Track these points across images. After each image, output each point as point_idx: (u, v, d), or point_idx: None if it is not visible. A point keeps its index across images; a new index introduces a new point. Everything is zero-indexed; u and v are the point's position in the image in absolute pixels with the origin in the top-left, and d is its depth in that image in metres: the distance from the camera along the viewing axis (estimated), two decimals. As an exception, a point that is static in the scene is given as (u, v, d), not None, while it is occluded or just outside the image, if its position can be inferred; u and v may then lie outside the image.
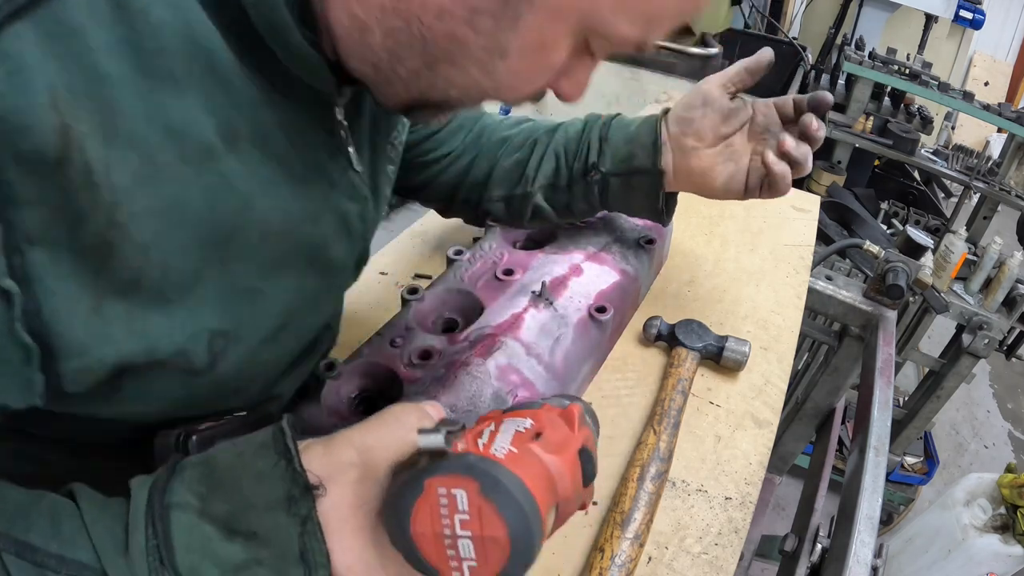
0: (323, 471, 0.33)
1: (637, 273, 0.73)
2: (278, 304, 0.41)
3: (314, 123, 0.40)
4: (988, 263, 1.73)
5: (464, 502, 0.29)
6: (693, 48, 2.01)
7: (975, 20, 2.30)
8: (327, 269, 0.46)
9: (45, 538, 0.31)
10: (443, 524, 0.30)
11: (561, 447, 0.36)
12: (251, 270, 0.38)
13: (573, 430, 0.38)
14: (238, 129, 0.34)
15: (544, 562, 0.52)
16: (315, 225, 0.42)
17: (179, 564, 0.30)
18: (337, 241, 0.45)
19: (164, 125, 0.31)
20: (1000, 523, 1.45)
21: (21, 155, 0.26)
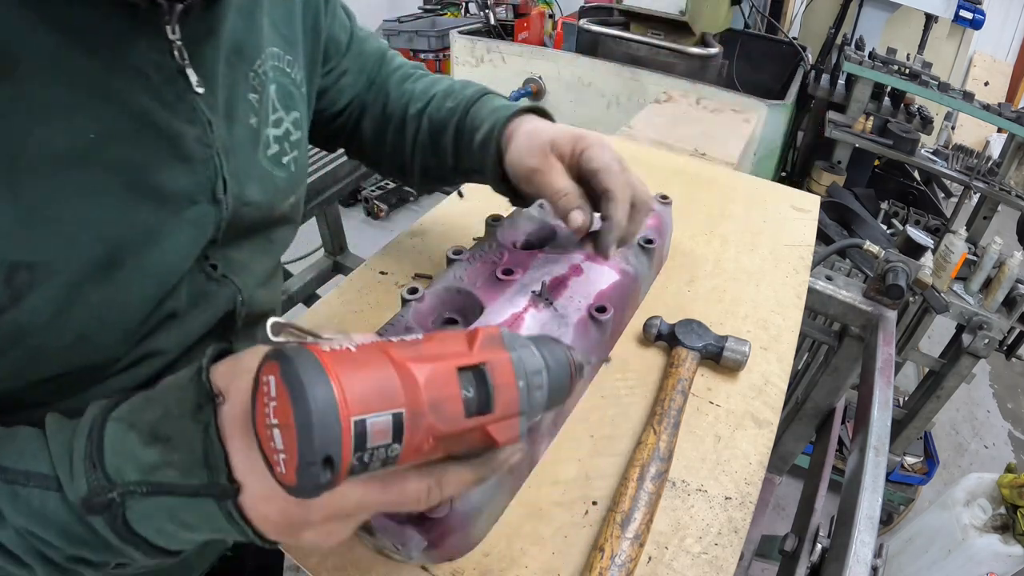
0: (224, 380, 0.35)
1: (637, 273, 0.73)
2: (91, 233, 0.39)
3: (139, 43, 0.40)
4: (988, 263, 1.73)
5: (273, 388, 0.29)
6: (693, 48, 2.01)
7: (975, 20, 2.31)
8: (159, 197, 0.43)
9: (14, 459, 0.36)
10: (265, 413, 0.29)
11: (433, 358, 0.32)
12: (46, 196, 0.37)
13: (470, 348, 0.34)
14: (16, 53, 0.35)
15: (544, 562, 0.52)
16: (130, 148, 0.41)
17: (107, 466, 0.34)
18: (166, 165, 0.43)
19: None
20: (1000, 523, 1.45)
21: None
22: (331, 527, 0.35)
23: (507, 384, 0.34)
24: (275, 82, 0.56)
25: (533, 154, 0.61)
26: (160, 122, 0.42)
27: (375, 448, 0.29)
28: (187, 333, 0.52)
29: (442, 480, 0.36)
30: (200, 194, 0.46)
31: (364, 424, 0.28)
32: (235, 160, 0.50)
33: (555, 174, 0.60)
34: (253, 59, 0.52)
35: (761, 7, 3.01)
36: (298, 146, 0.59)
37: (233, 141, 0.49)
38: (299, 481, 0.28)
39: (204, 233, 0.48)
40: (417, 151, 0.74)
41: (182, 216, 0.45)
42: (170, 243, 0.45)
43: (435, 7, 4.84)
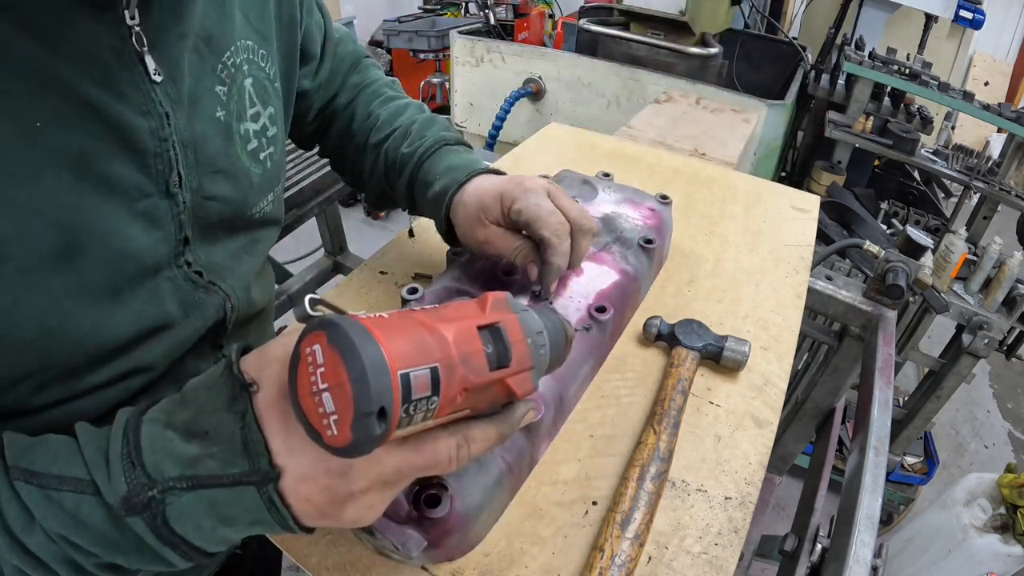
0: (255, 370, 0.36)
1: (637, 273, 0.73)
2: (43, 219, 0.39)
3: (95, 28, 0.39)
4: (988, 263, 1.73)
5: (320, 355, 0.31)
6: (693, 48, 2.01)
7: (975, 20, 2.30)
8: (108, 188, 0.42)
9: (46, 464, 0.36)
10: (311, 382, 0.31)
11: (455, 319, 0.35)
12: (2, 177, 0.36)
13: (483, 311, 0.38)
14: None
15: (544, 562, 0.52)
16: (76, 137, 0.40)
17: (147, 464, 0.35)
18: (115, 157, 0.42)
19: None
20: (1000, 523, 1.45)
21: None
22: (371, 498, 0.36)
23: (519, 340, 0.38)
24: (251, 76, 0.55)
25: (474, 228, 0.63)
26: (110, 114, 0.41)
27: (418, 400, 0.31)
28: (177, 344, 0.51)
29: (468, 437, 0.38)
30: (151, 187, 0.45)
31: (408, 377, 0.31)
32: (197, 154, 0.49)
33: (500, 240, 0.62)
34: (223, 51, 0.51)
35: (761, 7, 3.01)
36: (275, 142, 0.59)
37: (195, 134, 0.48)
38: (354, 436, 0.30)
39: (161, 227, 0.47)
40: (373, 178, 0.75)
41: (135, 208, 0.44)
42: (128, 234, 0.44)
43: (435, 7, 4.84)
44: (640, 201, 0.82)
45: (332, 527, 0.38)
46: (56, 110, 0.38)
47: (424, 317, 0.34)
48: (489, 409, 0.39)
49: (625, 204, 0.82)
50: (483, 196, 0.62)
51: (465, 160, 0.68)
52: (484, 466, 0.48)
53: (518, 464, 0.52)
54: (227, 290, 0.55)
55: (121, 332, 0.45)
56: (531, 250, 0.61)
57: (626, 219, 0.78)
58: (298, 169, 1.60)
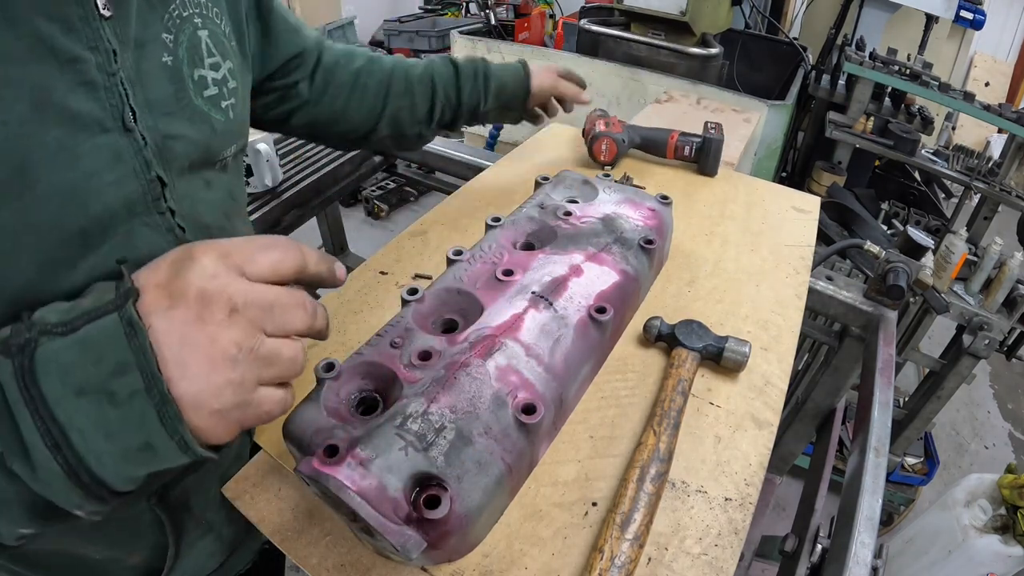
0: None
1: (637, 273, 0.73)
2: (1, 144, 0.39)
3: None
4: (988, 264, 1.73)
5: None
6: (693, 48, 2.01)
7: (975, 20, 2.30)
8: (68, 118, 0.43)
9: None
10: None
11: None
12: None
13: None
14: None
15: (544, 563, 0.52)
16: (29, 70, 0.40)
17: (33, 316, 0.36)
18: (70, 89, 0.43)
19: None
20: (1000, 524, 1.45)
21: None
22: (239, 328, 0.36)
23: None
24: (206, 28, 0.57)
25: (548, 76, 1.00)
26: (58, 46, 0.42)
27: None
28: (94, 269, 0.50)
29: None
30: (108, 121, 0.46)
31: None
32: (145, 93, 0.49)
33: (563, 87, 1.02)
34: (169, 2, 0.53)
35: (761, 7, 3.01)
36: (235, 95, 0.61)
37: (141, 74, 0.49)
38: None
39: (124, 162, 0.47)
40: (418, 108, 0.91)
41: (96, 142, 0.45)
42: (88, 166, 0.44)
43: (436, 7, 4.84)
44: (640, 201, 0.82)
45: (236, 410, 0.38)
46: (7, 44, 0.39)
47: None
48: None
49: (625, 204, 0.81)
50: (540, 71, 1.00)
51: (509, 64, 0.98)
52: (484, 467, 0.48)
53: (518, 465, 0.52)
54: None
55: (84, 279, 0.44)
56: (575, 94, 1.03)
57: (626, 219, 0.78)
58: (298, 169, 1.60)
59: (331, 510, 0.50)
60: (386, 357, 0.55)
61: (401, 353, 0.55)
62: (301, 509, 0.56)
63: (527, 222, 0.76)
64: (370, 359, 0.55)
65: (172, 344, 0.35)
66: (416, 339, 0.57)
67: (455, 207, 1.00)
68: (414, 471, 0.45)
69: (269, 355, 0.38)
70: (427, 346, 0.56)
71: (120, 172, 0.47)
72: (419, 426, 0.47)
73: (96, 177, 0.45)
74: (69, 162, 0.43)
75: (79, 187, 0.44)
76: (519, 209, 0.78)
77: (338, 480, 0.43)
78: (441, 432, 0.48)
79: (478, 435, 0.49)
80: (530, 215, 0.77)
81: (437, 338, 0.58)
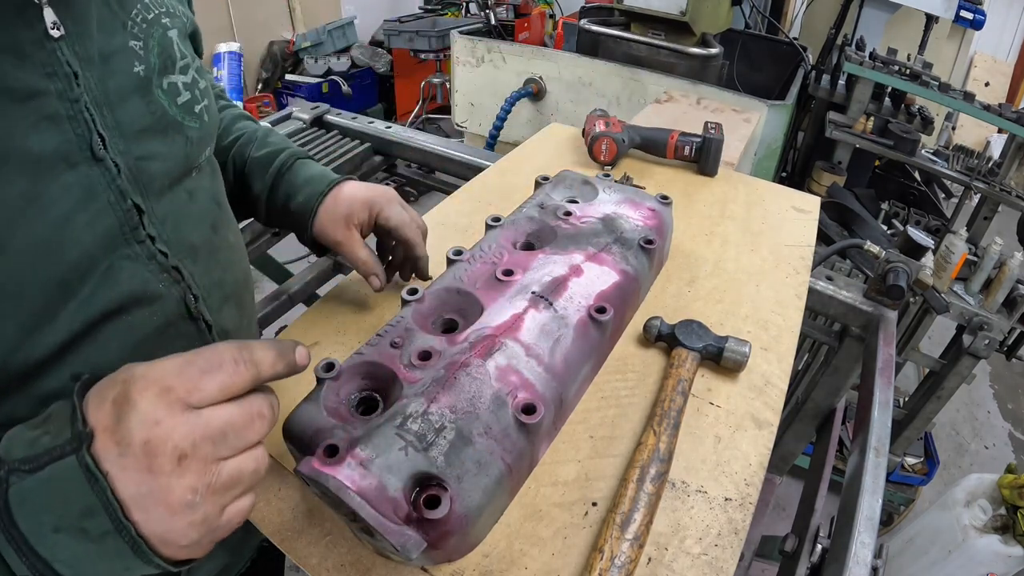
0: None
1: (637, 274, 0.73)
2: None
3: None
4: (988, 264, 1.73)
5: None
6: (693, 48, 2.01)
7: (975, 20, 2.30)
8: (29, 164, 0.39)
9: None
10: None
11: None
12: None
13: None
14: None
15: (544, 563, 0.52)
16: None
17: (1, 449, 0.35)
18: (31, 128, 0.39)
19: None
20: (1000, 524, 1.45)
21: None
22: (193, 464, 0.35)
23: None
24: (175, 27, 0.53)
25: (337, 228, 0.71)
26: (11, 81, 0.38)
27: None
28: (140, 338, 0.49)
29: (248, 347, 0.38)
30: (75, 154, 0.42)
31: None
32: (116, 114, 0.46)
33: (356, 246, 0.71)
34: (133, 4, 0.49)
35: (761, 7, 3.01)
36: (207, 95, 0.57)
37: (108, 94, 0.45)
38: None
39: (97, 198, 0.44)
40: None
41: (64, 180, 0.41)
42: (58, 211, 0.41)
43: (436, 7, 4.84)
44: (640, 201, 0.82)
45: (206, 537, 0.37)
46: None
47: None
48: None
49: (625, 204, 0.81)
50: (352, 202, 0.71)
51: (320, 170, 0.75)
52: (484, 467, 0.48)
53: (518, 465, 0.52)
54: (189, 278, 0.53)
55: (67, 328, 0.43)
56: (375, 264, 0.71)
57: (626, 219, 0.78)
58: (298, 169, 1.60)
59: (331, 510, 0.50)
60: (386, 357, 0.55)
61: (401, 353, 0.55)
62: (301, 509, 0.56)
63: (527, 222, 0.76)
64: (370, 359, 0.55)
65: (130, 492, 0.34)
66: (416, 339, 0.57)
67: (455, 207, 1.00)
68: (414, 471, 0.45)
69: (230, 481, 0.36)
70: (427, 346, 0.56)
71: (93, 209, 0.44)
72: (419, 426, 0.47)
73: (69, 222, 0.42)
74: (37, 213, 0.40)
75: (52, 238, 0.41)
76: (519, 209, 0.78)
77: (338, 480, 0.43)
78: (441, 432, 0.48)
79: (478, 435, 0.49)
80: (530, 215, 0.77)
81: (437, 338, 0.58)
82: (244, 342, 0.39)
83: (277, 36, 4.32)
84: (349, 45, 4.46)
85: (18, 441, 0.35)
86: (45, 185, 0.40)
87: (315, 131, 1.77)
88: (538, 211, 0.78)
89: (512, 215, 0.77)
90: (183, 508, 0.35)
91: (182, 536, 0.35)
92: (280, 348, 0.40)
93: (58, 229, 0.41)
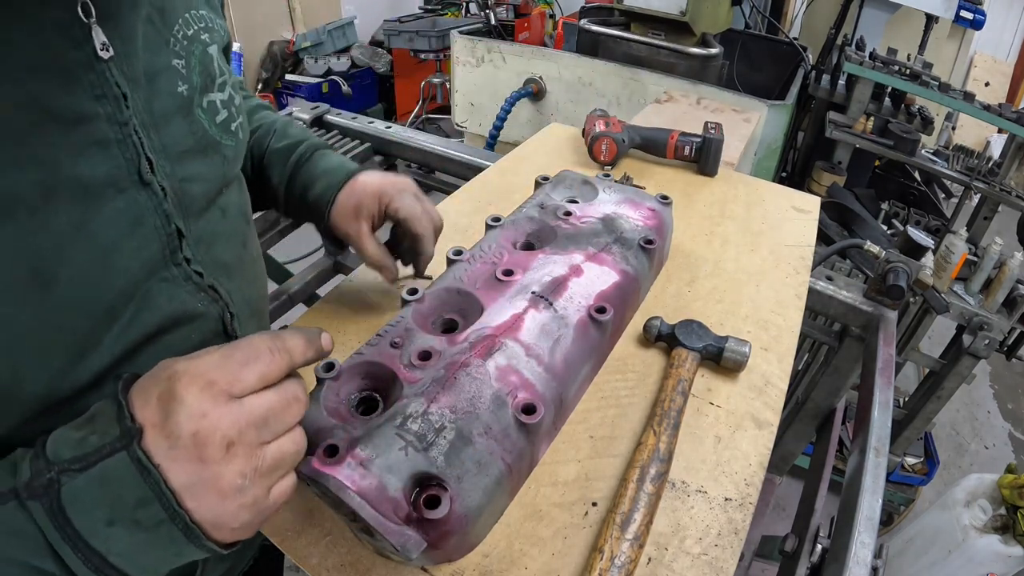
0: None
1: (637, 274, 0.73)
2: (6, 252, 0.35)
3: (34, 5, 0.35)
4: (988, 264, 1.73)
5: None
6: (693, 48, 2.01)
7: (976, 20, 2.30)
8: (78, 192, 0.38)
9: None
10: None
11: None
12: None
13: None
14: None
15: (544, 563, 0.52)
16: (23, 145, 0.35)
17: (47, 451, 0.35)
18: (78, 154, 0.38)
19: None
20: (1000, 524, 1.45)
21: None
22: (241, 451, 0.36)
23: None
24: (215, 43, 0.52)
25: (347, 220, 0.68)
26: (60, 106, 0.37)
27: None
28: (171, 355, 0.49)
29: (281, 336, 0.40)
30: (123, 179, 0.42)
31: None
32: (162, 136, 0.45)
33: (364, 239, 0.69)
34: (174, 22, 0.47)
35: (761, 7, 3.01)
36: (241, 111, 0.57)
37: (155, 115, 0.44)
38: None
39: (144, 223, 0.43)
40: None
41: (112, 207, 0.41)
42: (106, 239, 0.40)
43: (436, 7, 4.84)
44: (640, 201, 0.82)
45: (256, 518, 0.38)
46: (3, 120, 0.34)
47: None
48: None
49: (625, 204, 0.81)
50: (362, 194, 0.68)
51: (339, 161, 0.73)
52: (484, 467, 0.48)
53: (518, 465, 0.52)
54: (226, 295, 0.53)
55: (111, 353, 0.43)
56: (384, 256, 0.69)
57: (626, 219, 0.78)
58: (298, 169, 1.61)
59: (331, 510, 0.50)
60: (386, 357, 0.55)
61: (401, 353, 0.55)
62: (301, 509, 0.56)
63: (527, 222, 0.76)
64: (370, 359, 0.55)
65: (182, 482, 0.35)
66: (416, 339, 0.57)
67: (455, 207, 1.00)
68: (414, 471, 0.45)
69: (274, 463, 0.38)
70: (427, 346, 0.56)
71: (140, 235, 0.43)
72: (419, 426, 0.47)
73: (116, 249, 0.41)
74: (86, 242, 0.39)
75: (100, 266, 0.40)
76: (519, 209, 0.78)
77: (338, 480, 0.43)
78: (441, 432, 0.48)
79: (478, 435, 0.49)
80: (530, 215, 0.77)
81: (437, 338, 0.58)
82: (276, 332, 0.40)
83: (277, 36, 4.32)
84: (349, 45, 4.46)
85: (64, 442, 0.36)
86: (94, 212, 0.40)
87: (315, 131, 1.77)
88: (538, 211, 0.78)
89: (512, 215, 0.77)
90: (233, 492, 0.36)
91: (233, 519, 0.37)
92: (308, 335, 0.42)
93: (106, 257, 0.41)
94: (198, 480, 0.35)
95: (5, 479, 0.36)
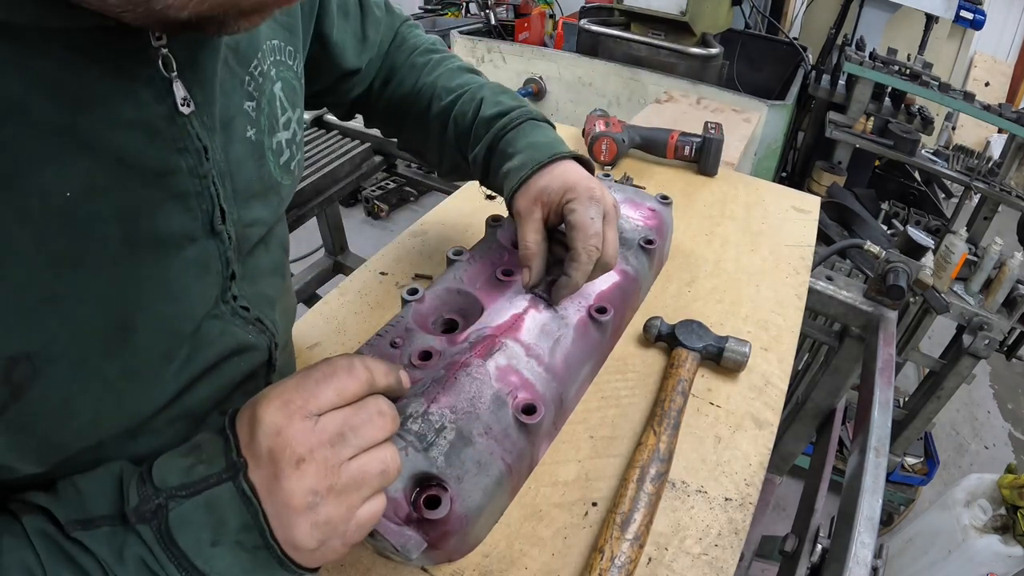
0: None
1: (637, 274, 0.73)
2: (92, 302, 0.35)
3: (115, 58, 0.34)
4: (988, 264, 1.73)
5: None
6: (693, 48, 2.01)
7: (975, 20, 2.30)
8: (156, 243, 0.38)
9: (79, 512, 0.37)
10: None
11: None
12: (42, 272, 0.32)
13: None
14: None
15: (544, 563, 0.52)
16: (106, 199, 0.34)
17: (154, 477, 0.37)
18: (159, 208, 0.37)
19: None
20: (1000, 524, 1.45)
21: None
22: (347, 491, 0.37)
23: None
24: (280, 79, 0.50)
25: (526, 198, 0.62)
26: (142, 159, 0.36)
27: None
28: (224, 386, 0.49)
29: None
30: (197, 230, 0.41)
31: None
32: (234, 183, 0.44)
33: (530, 225, 0.61)
34: (250, 60, 0.46)
35: (761, 7, 3.00)
36: (300, 145, 0.55)
37: (230, 162, 0.44)
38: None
39: (210, 271, 0.44)
40: (444, 148, 0.72)
41: (184, 256, 0.41)
42: (177, 287, 0.41)
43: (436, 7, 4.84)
44: (641, 201, 0.82)
45: (334, 539, 0.38)
46: (86, 174, 0.33)
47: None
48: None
49: (626, 204, 0.81)
50: (554, 179, 0.61)
51: (550, 138, 0.66)
52: (484, 467, 0.48)
53: (518, 465, 0.52)
54: (271, 326, 0.53)
55: (172, 388, 0.43)
56: (538, 256, 0.61)
57: (627, 219, 0.78)
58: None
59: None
60: (386, 358, 0.55)
61: (401, 353, 0.55)
62: (301, 509, 0.56)
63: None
64: (370, 359, 0.55)
65: (266, 501, 0.37)
66: (416, 339, 0.57)
67: (455, 207, 1.00)
68: (414, 471, 0.45)
69: (352, 481, 0.38)
70: (427, 346, 0.56)
71: (206, 281, 0.43)
72: (419, 426, 0.47)
73: (186, 295, 0.41)
74: (162, 290, 0.39)
75: (172, 314, 0.41)
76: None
77: (338, 480, 0.43)
78: (441, 432, 0.48)
79: (478, 435, 0.49)
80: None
81: (437, 338, 0.58)
82: (355, 354, 0.43)
83: (277, 36, 4.31)
84: (349, 45, 4.45)
85: (171, 470, 0.37)
86: (169, 262, 0.40)
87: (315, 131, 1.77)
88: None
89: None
90: (305, 510, 0.36)
91: (307, 538, 0.37)
92: (389, 364, 0.44)
93: (177, 304, 0.41)
94: (275, 499, 0.36)
95: (99, 504, 0.37)
